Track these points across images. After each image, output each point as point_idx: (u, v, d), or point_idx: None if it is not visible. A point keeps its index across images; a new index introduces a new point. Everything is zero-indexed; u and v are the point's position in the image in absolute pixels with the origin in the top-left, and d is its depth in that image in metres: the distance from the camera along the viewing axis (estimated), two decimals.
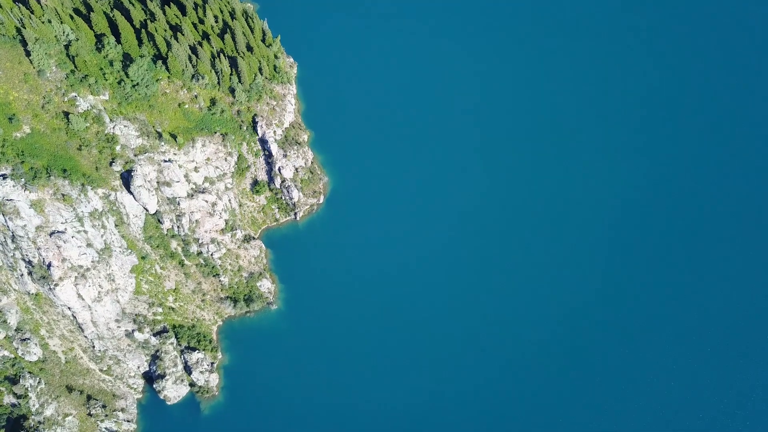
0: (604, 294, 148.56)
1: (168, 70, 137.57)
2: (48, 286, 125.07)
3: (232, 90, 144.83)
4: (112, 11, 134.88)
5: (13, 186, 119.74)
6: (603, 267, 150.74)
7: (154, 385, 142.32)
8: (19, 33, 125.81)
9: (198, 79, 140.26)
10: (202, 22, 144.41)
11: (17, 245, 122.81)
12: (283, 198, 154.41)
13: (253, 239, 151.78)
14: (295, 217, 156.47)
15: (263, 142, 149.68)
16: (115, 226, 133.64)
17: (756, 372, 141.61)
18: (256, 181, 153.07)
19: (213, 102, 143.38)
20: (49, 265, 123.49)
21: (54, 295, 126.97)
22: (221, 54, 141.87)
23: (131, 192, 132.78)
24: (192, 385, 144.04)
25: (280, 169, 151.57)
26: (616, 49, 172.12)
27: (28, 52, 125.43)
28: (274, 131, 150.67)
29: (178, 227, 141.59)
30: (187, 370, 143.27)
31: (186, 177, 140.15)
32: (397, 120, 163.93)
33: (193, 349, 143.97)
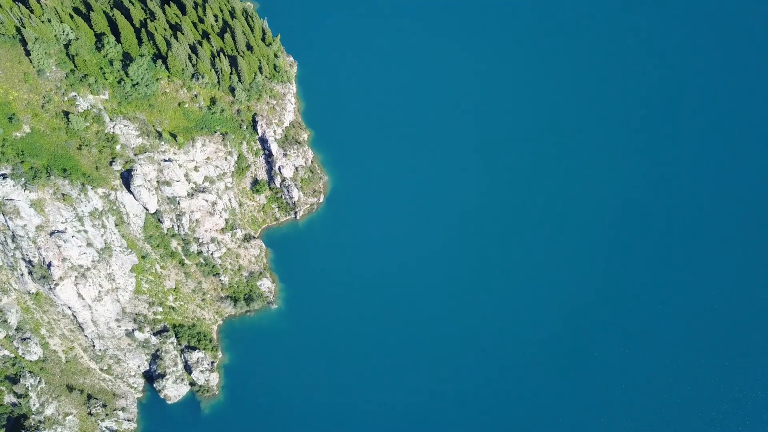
0: (604, 294, 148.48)
1: (168, 69, 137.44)
2: (48, 285, 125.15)
3: (232, 89, 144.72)
4: (111, 10, 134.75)
5: (13, 186, 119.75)
6: (603, 267, 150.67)
7: (154, 385, 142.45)
8: (19, 32, 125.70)
9: (198, 79, 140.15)
10: (201, 21, 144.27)
11: (17, 245, 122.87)
12: (283, 197, 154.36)
13: (254, 238, 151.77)
14: (295, 217, 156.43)
15: (263, 141, 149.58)
16: (115, 225, 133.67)
17: (756, 372, 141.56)
18: (256, 181, 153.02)
19: (213, 101, 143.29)
20: (50, 265, 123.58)
21: (54, 295, 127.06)
22: (221, 53, 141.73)
23: (131, 191, 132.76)
24: (192, 385, 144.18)
25: (280, 169, 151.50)
26: (615, 49, 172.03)
27: (27, 51, 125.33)
28: (274, 130, 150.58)
29: (178, 226, 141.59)
30: (188, 369, 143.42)
31: (186, 176, 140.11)
32: (398, 119, 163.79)
33: (194, 349, 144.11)
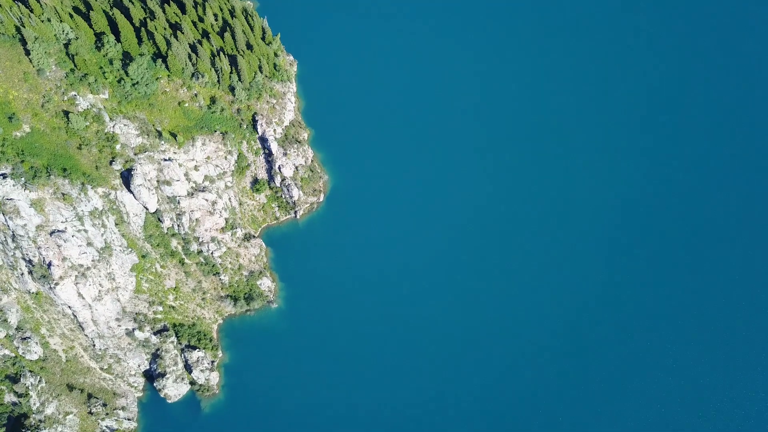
0: (604, 294, 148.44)
1: (168, 68, 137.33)
2: (48, 285, 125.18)
3: (232, 88, 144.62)
4: (111, 10, 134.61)
5: (13, 185, 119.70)
6: (603, 267, 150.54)
7: (154, 384, 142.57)
8: (19, 32, 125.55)
9: (198, 78, 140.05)
10: (201, 20, 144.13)
11: (17, 244, 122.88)
12: (283, 196, 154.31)
13: (254, 238, 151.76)
14: (296, 216, 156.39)
15: (263, 140, 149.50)
16: (116, 225, 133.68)
17: (756, 371, 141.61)
18: (256, 180, 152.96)
19: (213, 100, 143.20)
20: (50, 264, 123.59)
21: (54, 294, 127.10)
22: (221, 52, 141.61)
23: (131, 191, 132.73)
24: (192, 384, 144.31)
25: (280, 168, 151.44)
26: (615, 49, 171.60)
27: (27, 51, 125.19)
28: (274, 129, 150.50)
29: (178, 226, 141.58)
30: (188, 368, 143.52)
31: (186, 176, 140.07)
32: (398, 118, 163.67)
33: (194, 348, 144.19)
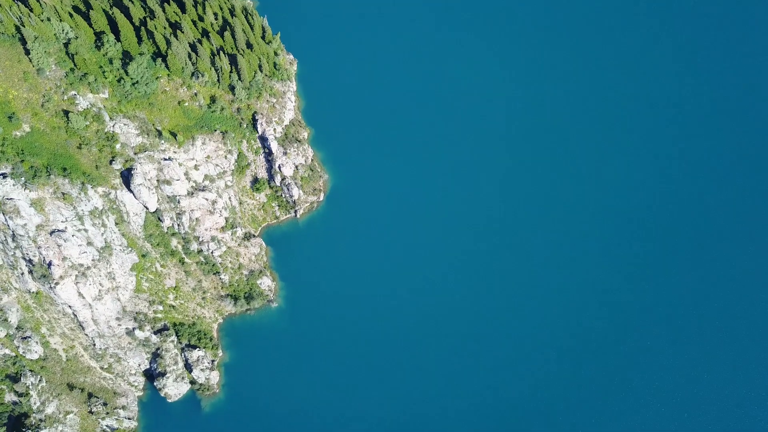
0: (604, 294, 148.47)
1: (168, 67, 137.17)
2: (48, 284, 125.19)
3: (231, 87, 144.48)
4: (111, 9, 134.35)
5: (13, 185, 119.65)
6: (603, 267, 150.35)
7: (154, 383, 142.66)
8: (18, 31, 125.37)
9: (198, 77, 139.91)
10: (201, 19, 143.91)
11: (18, 244, 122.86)
12: (284, 195, 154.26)
13: (254, 237, 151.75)
14: (296, 215, 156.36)
15: (263, 139, 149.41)
16: (116, 224, 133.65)
17: (756, 371, 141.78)
18: (256, 179, 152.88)
19: (213, 100, 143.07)
20: (50, 264, 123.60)
21: (55, 294, 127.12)
22: (221, 51, 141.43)
23: (131, 190, 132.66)
24: (193, 383, 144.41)
25: (280, 167, 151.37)
26: (615, 49, 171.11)
27: (27, 50, 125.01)
28: (274, 129, 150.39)
29: (178, 225, 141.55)
30: (188, 367, 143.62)
31: (186, 175, 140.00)
32: (398, 117, 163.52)
33: (194, 347, 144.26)
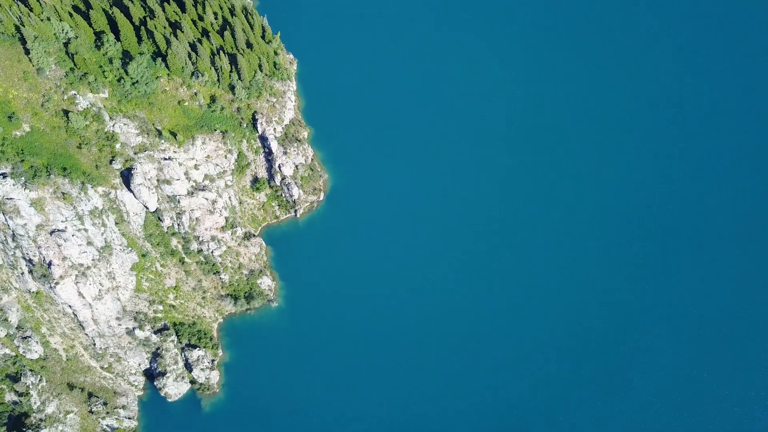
0: (604, 294, 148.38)
1: (167, 67, 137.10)
2: (49, 284, 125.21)
3: (231, 87, 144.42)
4: (111, 8, 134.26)
5: (13, 185, 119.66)
6: (603, 267, 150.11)
7: (155, 383, 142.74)
8: (18, 31, 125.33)
9: (198, 77, 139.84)
10: (201, 18, 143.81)
11: (18, 244, 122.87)
12: (284, 195, 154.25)
13: (254, 236, 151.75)
14: (296, 215, 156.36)
15: (263, 139, 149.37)
16: (116, 224, 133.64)
17: (756, 371, 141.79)
18: (256, 179, 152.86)
19: (213, 99, 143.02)
20: (50, 264, 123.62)
21: (55, 294, 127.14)
22: (221, 51, 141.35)
23: (131, 190, 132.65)
24: (193, 382, 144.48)
25: (280, 167, 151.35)
26: (615, 50, 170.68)
27: (27, 50, 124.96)
28: (274, 128, 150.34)
29: (178, 225, 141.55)
30: (188, 367, 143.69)
31: (186, 175, 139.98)
32: (398, 116, 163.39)
33: (194, 347, 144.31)
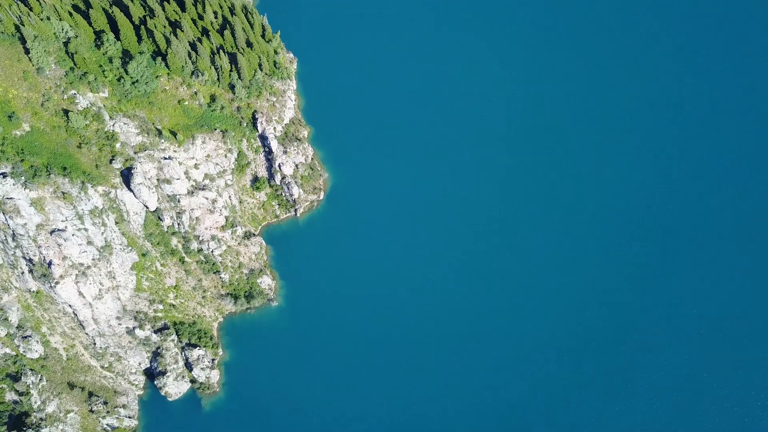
0: (604, 294, 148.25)
1: (167, 66, 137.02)
2: (49, 283, 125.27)
3: (231, 86, 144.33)
4: (111, 8, 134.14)
5: (14, 184, 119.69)
6: (603, 267, 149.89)
7: (155, 382, 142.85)
8: (18, 30, 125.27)
9: (198, 76, 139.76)
10: (201, 18, 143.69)
11: (18, 243, 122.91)
12: (284, 194, 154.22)
13: (254, 236, 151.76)
14: (296, 214, 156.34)
15: (263, 138, 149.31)
16: (116, 223, 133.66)
17: (757, 370, 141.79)
18: (256, 178, 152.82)
19: (213, 98, 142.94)
20: (50, 263, 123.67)
21: (55, 293, 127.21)
22: (221, 50, 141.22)
23: (131, 189, 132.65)
24: (193, 382, 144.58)
25: (280, 166, 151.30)
26: (616, 50, 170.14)
27: (27, 49, 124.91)
28: (274, 127, 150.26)
29: (178, 224, 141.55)
30: (188, 366, 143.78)
31: (186, 174, 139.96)
32: (398, 116, 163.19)
33: (194, 346, 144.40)
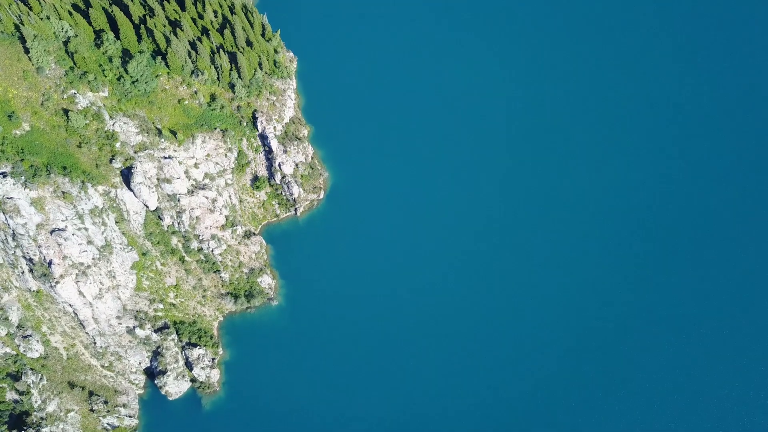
0: (605, 295, 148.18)
1: (167, 65, 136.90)
2: (49, 283, 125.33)
3: (231, 85, 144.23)
4: (110, 7, 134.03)
5: (14, 184, 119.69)
6: (603, 267, 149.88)
7: (155, 381, 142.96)
8: (18, 30, 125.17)
9: (197, 75, 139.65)
10: (201, 17, 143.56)
11: (18, 243, 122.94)
12: (284, 194, 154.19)
13: (254, 235, 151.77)
14: (296, 213, 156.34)
15: (263, 137, 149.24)
16: (116, 223, 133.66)
17: (756, 371, 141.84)
18: (256, 177, 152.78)
19: (213, 98, 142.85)
20: (50, 263, 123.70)
21: (55, 293, 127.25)
22: (221, 49, 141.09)
23: (131, 189, 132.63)
24: (193, 381, 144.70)
25: (280, 165, 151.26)
26: (616, 50, 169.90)
27: (26, 49, 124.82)
28: (274, 127, 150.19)
29: (178, 224, 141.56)
30: (188, 365, 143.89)
31: (186, 173, 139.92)
32: (398, 115, 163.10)
33: (194, 345, 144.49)
